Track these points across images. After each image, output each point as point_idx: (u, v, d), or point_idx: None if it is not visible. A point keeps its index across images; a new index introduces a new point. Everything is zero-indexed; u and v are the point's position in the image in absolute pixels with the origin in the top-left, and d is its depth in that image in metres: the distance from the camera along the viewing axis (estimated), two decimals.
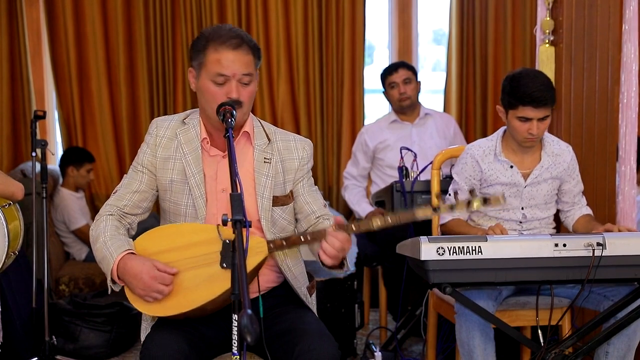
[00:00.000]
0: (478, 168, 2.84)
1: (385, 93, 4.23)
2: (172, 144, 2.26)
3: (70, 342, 3.77)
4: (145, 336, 2.22)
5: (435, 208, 2.03)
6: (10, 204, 2.75)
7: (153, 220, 3.09)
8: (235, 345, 1.83)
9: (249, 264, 2.02)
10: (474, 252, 2.32)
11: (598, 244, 2.34)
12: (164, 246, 2.15)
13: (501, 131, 2.88)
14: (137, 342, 3.95)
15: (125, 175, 2.33)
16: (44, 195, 3.48)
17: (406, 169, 3.68)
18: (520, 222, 2.85)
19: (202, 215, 2.23)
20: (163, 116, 2.37)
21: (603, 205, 3.27)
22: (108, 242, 2.15)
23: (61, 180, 4.68)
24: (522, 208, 2.86)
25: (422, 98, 4.34)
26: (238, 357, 1.82)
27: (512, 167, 2.82)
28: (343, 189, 4.33)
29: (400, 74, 4.11)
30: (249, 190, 2.23)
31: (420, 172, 3.66)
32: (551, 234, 2.43)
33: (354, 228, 2.07)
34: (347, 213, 4.83)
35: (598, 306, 2.65)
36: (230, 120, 2.08)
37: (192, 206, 2.23)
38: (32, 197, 3.47)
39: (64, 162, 4.67)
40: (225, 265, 2.04)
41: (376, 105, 5.38)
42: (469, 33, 5.16)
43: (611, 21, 3.25)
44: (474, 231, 2.76)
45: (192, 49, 2.22)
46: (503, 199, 2.06)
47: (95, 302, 3.86)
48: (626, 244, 2.37)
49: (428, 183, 3.42)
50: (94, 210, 4.87)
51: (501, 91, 2.78)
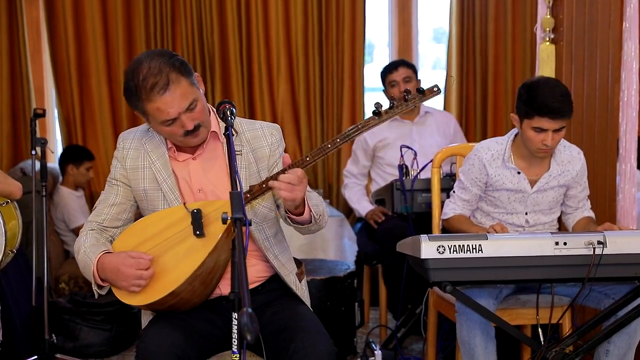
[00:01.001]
0: (485, 172, 2.82)
1: (385, 91, 4.22)
2: (140, 154, 2.28)
3: (70, 341, 3.77)
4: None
5: (376, 112, 2.05)
6: (7, 202, 2.75)
7: None
8: (235, 343, 1.82)
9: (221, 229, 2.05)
10: (475, 251, 2.31)
11: (599, 242, 2.34)
12: (139, 239, 2.18)
13: (512, 135, 2.83)
14: (137, 341, 3.95)
15: (102, 191, 2.35)
16: (44, 193, 3.48)
17: (406, 167, 3.68)
18: (522, 227, 2.84)
19: None
20: (129, 129, 2.39)
21: (603, 203, 3.26)
22: (87, 250, 2.20)
23: (61, 178, 4.67)
24: (526, 213, 2.85)
25: None
26: (238, 356, 1.82)
27: (520, 174, 2.79)
28: (343, 187, 4.33)
29: (400, 73, 4.10)
30: (225, 185, 2.23)
31: (420, 171, 3.65)
32: (552, 233, 2.42)
33: (309, 158, 2.10)
34: (347, 211, 4.83)
35: (598, 304, 2.64)
36: (230, 118, 2.09)
37: None
38: (32, 196, 3.47)
39: (64, 161, 4.66)
40: (198, 232, 2.08)
41: None
42: (469, 31, 5.16)
43: (612, 19, 3.25)
44: (476, 229, 2.76)
45: (127, 100, 2.17)
46: (438, 89, 2.11)
47: (95, 301, 3.86)
48: (627, 242, 2.36)
49: (428, 181, 3.42)
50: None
51: (517, 99, 2.71)
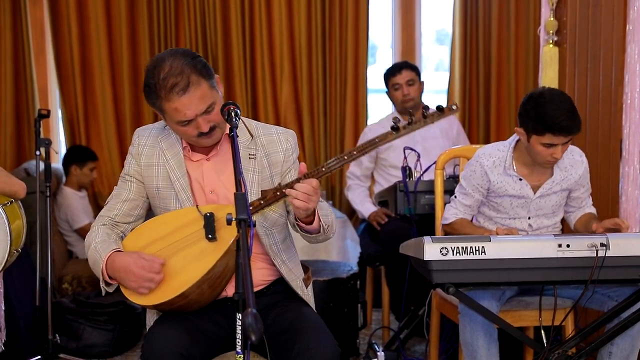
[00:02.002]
0: (486, 178, 2.82)
1: (388, 93, 4.23)
2: (155, 152, 2.29)
3: (73, 341, 3.77)
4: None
5: (395, 128, 2.05)
6: (11, 202, 2.75)
7: None
8: (239, 344, 1.83)
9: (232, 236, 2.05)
10: (478, 253, 2.31)
11: (602, 245, 2.34)
12: (150, 239, 2.18)
13: (513, 141, 2.82)
14: (140, 341, 3.95)
15: (115, 186, 2.36)
16: (48, 194, 3.49)
17: (409, 169, 3.68)
18: (525, 231, 2.84)
19: None
20: (145, 125, 2.39)
21: (606, 205, 3.27)
22: (98, 247, 2.19)
23: (64, 179, 4.68)
24: (529, 218, 2.85)
25: (425, 98, 4.33)
26: (242, 356, 1.82)
27: (522, 180, 2.79)
28: (346, 189, 4.33)
29: (403, 76, 4.10)
30: None
31: (423, 172, 3.65)
32: (555, 235, 2.42)
33: (324, 169, 2.08)
34: (350, 213, 4.84)
35: (601, 306, 2.64)
36: (234, 119, 2.09)
37: None
38: (36, 196, 3.47)
39: (67, 161, 4.67)
40: (210, 236, 2.08)
41: (379, 105, 5.38)
42: (473, 33, 5.16)
43: (615, 21, 3.25)
44: (480, 232, 2.76)
45: (145, 98, 2.18)
46: (457, 107, 2.08)
47: (98, 301, 3.87)
48: (630, 245, 2.37)
49: (431, 183, 3.42)
50: (97, 209, 4.88)
51: (522, 114, 2.68)
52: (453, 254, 2.31)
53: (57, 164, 4.84)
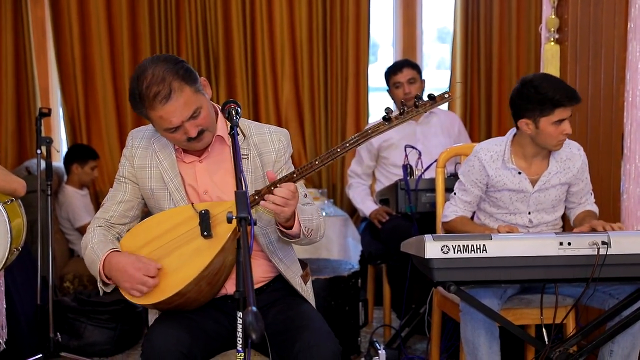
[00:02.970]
0: (484, 173, 2.82)
1: (389, 92, 4.22)
2: (148, 153, 2.29)
3: (74, 339, 3.78)
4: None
5: (386, 118, 2.05)
6: (12, 200, 2.76)
7: None
8: (239, 342, 1.83)
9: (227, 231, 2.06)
10: (479, 251, 2.31)
11: (603, 243, 2.33)
12: (147, 238, 2.18)
13: (510, 135, 2.83)
14: (141, 339, 3.95)
15: (110, 188, 2.36)
16: (49, 192, 3.49)
17: (410, 167, 3.68)
18: (527, 227, 2.84)
19: None
20: (138, 127, 2.39)
21: (608, 203, 3.26)
22: (95, 247, 2.20)
23: (66, 177, 4.68)
24: (529, 213, 2.84)
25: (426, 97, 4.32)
26: (242, 355, 1.82)
27: (520, 174, 2.79)
28: (347, 187, 4.33)
29: (405, 74, 4.09)
30: (230, 188, 2.23)
31: (424, 170, 3.65)
32: (556, 233, 2.42)
33: (318, 162, 2.07)
34: (352, 211, 4.83)
35: (603, 305, 2.64)
36: (235, 117, 2.09)
37: None
38: (37, 195, 3.48)
39: (69, 160, 4.67)
40: (206, 233, 2.08)
41: (380, 103, 5.37)
42: (474, 31, 5.16)
43: (616, 19, 3.24)
44: (481, 229, 2.75)
45: (133, 108, 2.17)
46: (449, 95, 2.11)
47: (99, 299, 3.87)
48: (631, 243, 2.36)
49: (432, 181, 3.42)
50: (98, 207, 4.84)
51: (524, 104, 2.69)
52: (454, 252, 2.30)
53: (58, 163, 4.83)
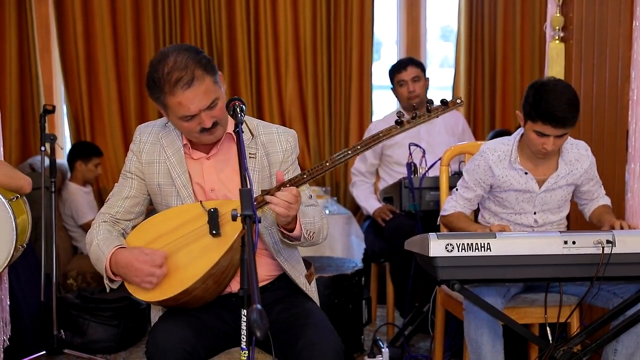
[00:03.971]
0: (490, 173, 2.81)
1: (393, 90, 4.22)
2: (155, 149, 2.29)
3: (78, 336, 3.78)
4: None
5: (398, 122, 2.08)
6: (17, 197, 2.76)
7: None
8: (244, 339, 1.83)
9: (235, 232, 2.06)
10: (483, 249, 2.31)
11: (607, 242, 2.33)
12: (154, 235, 2.18)
13: (518, 135, 2.82)
14: (145, 337, 3.96)
15: (116, 183, 2.35)
16: (53, 189, 3.49)
17: (414, 166, 3.67)
18: (532, 227, 2.83)
19: None
20: (146, 122, 2.39)
21: (612, 202, 3.24)
22: (100, 243, 2.19)
23: (69, 174, 4.69)
24: (535, 213, 2.84)
25: (430, 94, 4.33)
26: (247, 352, 1.82)
27: (527, 174, 2.78)
28: (351, 185, 4.33)
29: (409, 72, 4.09)
30: (236, 186, 2.22)
31: (428, 169, 3.65)
32: (560, 231, 2.41)
33: (328, 164, 2.10)
34: (355, 209, 4.83)
35: (607, 304, 2.64)
36: (240, 115, 2.08)
37: None
38: (41, 192, 3.48)
39: (72, 157, 4.68)
40: (214, 232, 2.09)
41: (384, 101, 5.37)
42: (478, 29, 5.15)
43: (622, 18, 3.23)
44: (475, 227, 2.75)
45: (149, 92, 2.17)
46: (461, 101, 2.13)
47: (103, 297, 3.88)
48: (636, 242, 2.36)
49: (436, 179, 3.41)
50: (102, 204, 4.84)
51: (524, 98, 2.69)
52: (458, 251, 2.30)
53: (62, 160, 4.84)
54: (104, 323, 3.81)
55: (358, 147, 2.10)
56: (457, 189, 2.92)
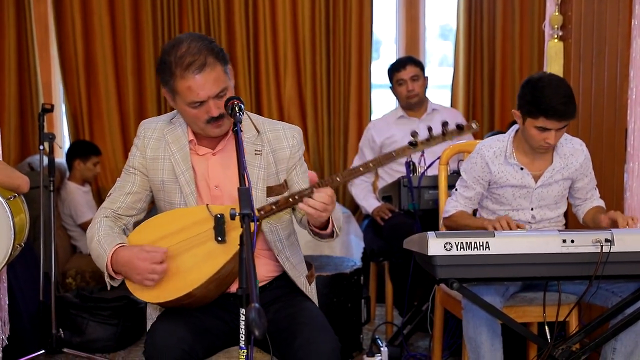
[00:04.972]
0: (487, 170, 2.82)
1: (392, 89, 4.22)
2: (160, 145, 2.27)
3: (77, 335, 3.78)
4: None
5: (412, 143, 2.09)
6: (15, 196, 2.76)
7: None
8: (242, 339, 1.83)
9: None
10: (482, 248, 2.31)
11: (606, 240, 2.33)
12: (157, 235, 2.17)
13: (513, 131, 2.83)
14: (144, 336, 3.95)
15: (118, 178, 2.34)
16: (51, 188, 3.49)
17: (413, 164, 3.67)
18: (529, 223, 2.84)
19: None
20: (151, 118, 2.38)
21: (611, 201, 3.25)
22: (102, 240, 2.18)
23: (68, 173, 4.69)
24: (532, 209, 2.84)
25: (429, 93, 4.33)
26: (245, 352, 1.82)
27: (523, 169, 2.79)
28: (350, 184, 4.33)
29: (408, 71, 4.09)
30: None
31: (427, 168, 3.65)
32: (559, 230, 2.41)
33: (339, 179, 2.10)
34: (354, 208, 4.83)
35: (606, 302, 2.64)
36: (239, 114, 2.08)
37: (185, 204, 2.24)
38: (40, 191, 3.48)
39: (71, 156, 4.68)
40: (220, 238, 2.08)
41: (383, 100, 5.37)
42: (477, 28, 5.15)
43: (620, 16, 3.23)
44: (480, 221, 2.75)
45: (159, 74, 2.18)
46: (477, 125, 2.18)
47: (101, 296, 3.88)
48: (635, 240, 2.36)
49: (435, 178, 3.40)
50: (101, 203, 4.85)
51: (519, 96, 2.70)
52: (457, 249, 2.30)
53: (61, 159, 4.84)
54: (103, 322, 3.81)
55: (370, 165, 2.12)
56: (457, 190, 2.92)
